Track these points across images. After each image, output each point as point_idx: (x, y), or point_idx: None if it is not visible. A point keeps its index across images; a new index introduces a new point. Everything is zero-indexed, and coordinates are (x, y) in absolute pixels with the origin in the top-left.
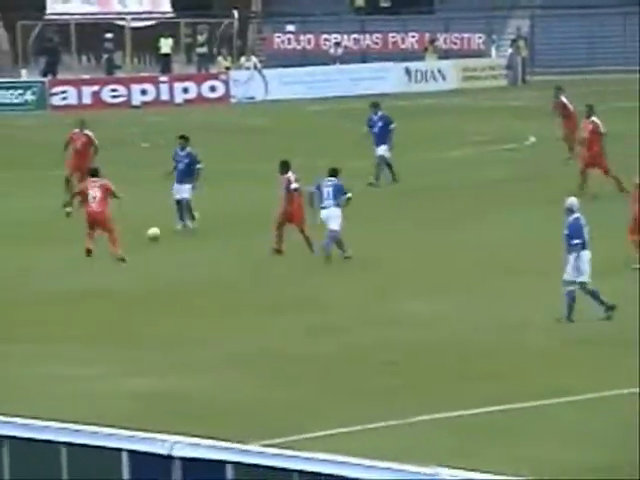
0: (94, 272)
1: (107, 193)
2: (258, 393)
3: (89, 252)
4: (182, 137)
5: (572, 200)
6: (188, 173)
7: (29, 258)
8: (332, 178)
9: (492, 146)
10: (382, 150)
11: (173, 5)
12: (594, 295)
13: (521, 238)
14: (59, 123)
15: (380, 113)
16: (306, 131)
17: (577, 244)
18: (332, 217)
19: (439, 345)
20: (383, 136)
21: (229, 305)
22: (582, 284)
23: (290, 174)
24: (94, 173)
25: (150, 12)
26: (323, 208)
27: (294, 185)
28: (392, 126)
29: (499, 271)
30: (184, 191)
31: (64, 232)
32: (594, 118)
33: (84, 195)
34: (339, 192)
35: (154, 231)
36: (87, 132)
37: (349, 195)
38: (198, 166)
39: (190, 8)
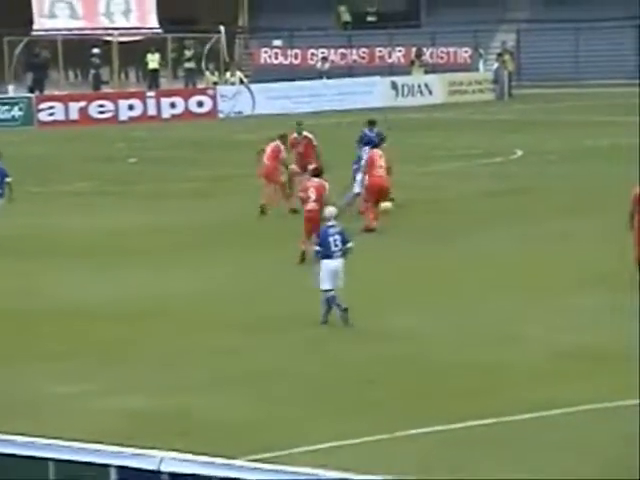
0: (81, 289)
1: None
2: (246, 411)
3: None
4: None
5: (330, 209)
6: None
7: (17, 274)
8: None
9: (479, 160)
10: None
11: (160, 21)
12: (328, 304)
13: (509, 253)
14: (46, 139)
15: (376, 130)
16: None
17: (317, 252)
18: None
19: (421, 360)
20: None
21: (216, 322)
22: (328, 291)
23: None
24: None
25: (137, 28)
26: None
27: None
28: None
29: (487, 286)
30: None
31: (50, 248)
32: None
33: None
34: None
35: (385, 205)
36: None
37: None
38: (7, 180)
39: (177, 23)
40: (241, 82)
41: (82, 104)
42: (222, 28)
